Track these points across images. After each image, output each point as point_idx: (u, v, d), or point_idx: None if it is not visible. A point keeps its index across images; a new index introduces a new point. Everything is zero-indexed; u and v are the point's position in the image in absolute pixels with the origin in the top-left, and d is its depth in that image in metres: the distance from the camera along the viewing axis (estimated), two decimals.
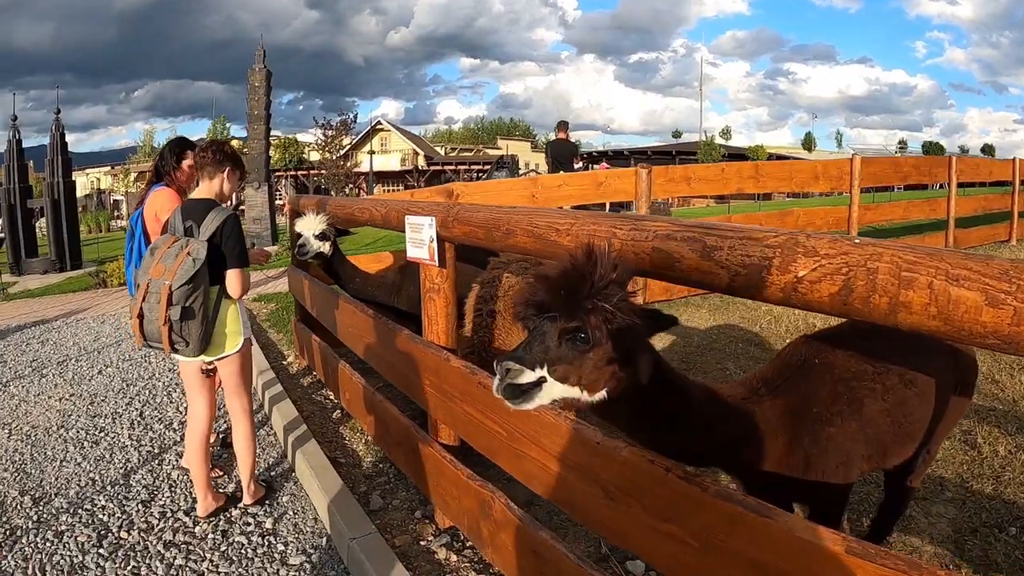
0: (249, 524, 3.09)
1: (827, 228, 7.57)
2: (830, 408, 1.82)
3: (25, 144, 13.45)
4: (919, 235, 9.35)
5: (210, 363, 3.00)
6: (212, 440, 3.70)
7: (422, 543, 2.76)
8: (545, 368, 1.40)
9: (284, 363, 5.51)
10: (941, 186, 9.32)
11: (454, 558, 2.62)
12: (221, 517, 3.15)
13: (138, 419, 4.47)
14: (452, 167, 42.43)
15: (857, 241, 1.09)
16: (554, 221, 1.62)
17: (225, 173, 2.97)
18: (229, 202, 3.25)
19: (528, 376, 1.41)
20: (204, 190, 2.98)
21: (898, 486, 2.31)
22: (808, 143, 51.16)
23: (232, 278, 2.85)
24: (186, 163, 3.56)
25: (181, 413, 4.53)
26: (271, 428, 4.22)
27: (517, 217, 1.78)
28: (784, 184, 8.28)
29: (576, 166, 11.16)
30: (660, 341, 5.47)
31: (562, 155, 10.02)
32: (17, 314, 8.47)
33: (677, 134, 63.53)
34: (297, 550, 2.88)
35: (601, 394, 1.47)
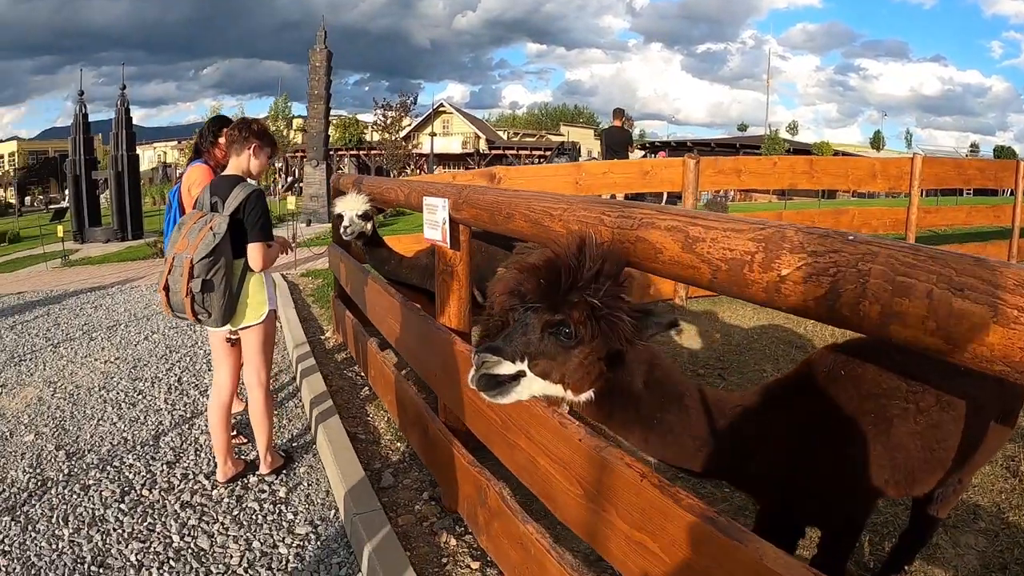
0: (264, 492, 3.15)
1: (883, 230, 7.15)
2: (853, 426, 1.68)
3: (95, 118, 14.16)
4: (981, 242, 8.74)
5: (234, 332, 3.06)
6: (242, 408, 3.80)
7: (424, 524, 2.75)
8: (526, 362, 1.33)
9: (322, 338, 5.60)
10: (1011, 192, 8.64)
11: (453, 542, 2.59)
12: (239, 483, 3.22)
13: (176, 384, 4.62)
14: (513, 151, 42.36)
15: (851, 238, 0.96)
16: (549, 206, 1.54)
17: (251, 149, 3.00)
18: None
19: (506, 368, 1.34)
20: (232, 167, 3.03)
21: (924, 514, 2.14)
22: (876, 142, 48.71)
23: (252, 252, 2.90)
24: (222, 140, 3.63)
25: None
26: (300, 400, 4.29)
27: (517, 201, 1.72)
28: (840, 181, 7.88)
29: (634, 155, 10.92)
30: (698, 338, 5.32)
31: (616, 143, 9.85)
32: (76, 279, 8.92)
33: (743, 127, 61.91)
34: (305, 520, 2.92)
35: (587, 394, 1.39)
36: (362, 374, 4.58)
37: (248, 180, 2.97)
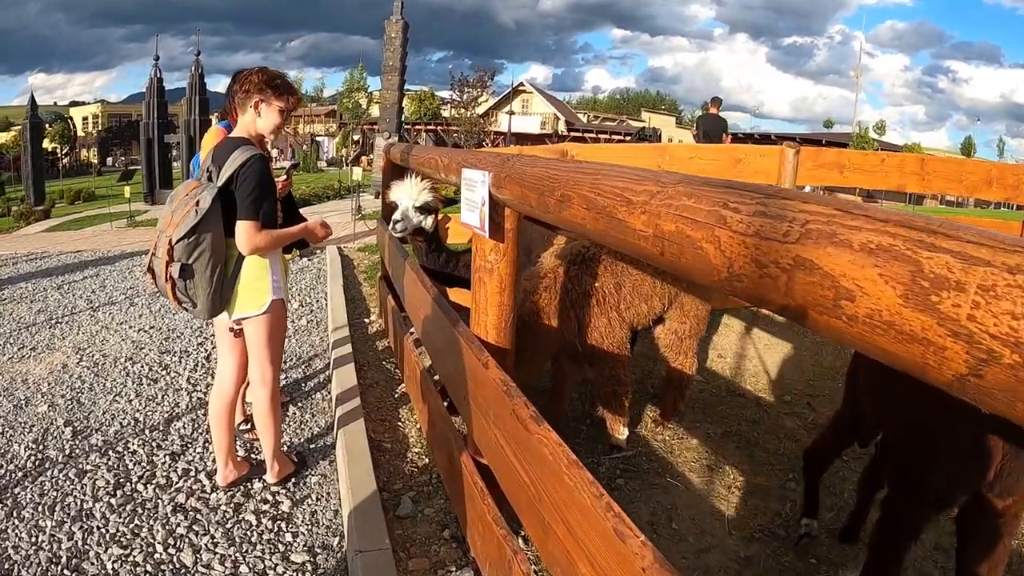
0: (266, 503, 2.73)
1: None
2: None
3: (181, 85, 14.37)
4: None
5: (237, 322, 2.60)
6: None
7: (440, 573, 2.24)
8: None
9: (367, 321, 5.18)
10: None
11: None
12: (241, 488, 2.82)
13: (203, 361, 4.29)
14: (592, 135, 41.17)
15: None
16: (627, 187, 0.95)
17: (254, 105, 2.48)
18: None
19: None
20: (239, 128, 2.54)
21: None
22: (967, 148, 44.94)
23: (238, 231, 2.38)
24: None
25: None
26: (328, 393, 3.85)
27: (578, 178, 1.13)
28: (952, 186, 6.87)
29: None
30: (784, 357, 4.62)
31: (712, 130, 9.79)
32: (136, 241, 8.88)
33: (829, 124, 58.81)
34: (304, 546, 2.47)
35: None
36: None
37: (250, 144, 2.46)
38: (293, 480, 2.88)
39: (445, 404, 2.72)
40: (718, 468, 3.25)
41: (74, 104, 65.28)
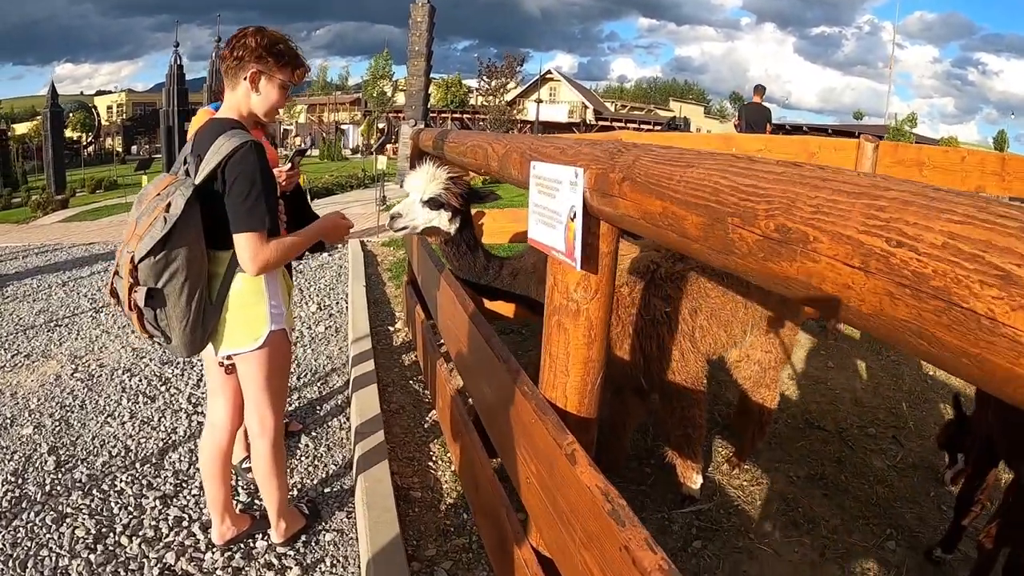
0: (271, 568, 2.24)
1: None
2: None
3: (204, 75, 14.05)
4: None
5: (228, 358, 2.07)
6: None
7: None
8: None
9: (391, 329, 4.67)
10: None
11: None
12: (242, 545, 2.33)
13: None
14: (621, 124, 40.25)
15: None
16: (998, 241, 0.40)
17: (248, 76, 1.89)
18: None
19: None
20: (226, 106, 1.96)
21: None
22: (1000, 143, 43.03)
23: (239, 248, 1.82)
24: None
25: None
26: (347, 420, 3.34)
27: (827, 198, 0.57)
28: None
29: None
30: (862, 379, 4.05)
31: (756, 120, 9.60)
32: None
33: (859, 115, 57.34)
34: None
35: None
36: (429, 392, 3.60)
37: (240, 128, 1.88)
38: (303, 538, 2.39)
39: (480, 443, 2.20)
40: (806, 524, 2.72)
41: (100, 93, 65.88)
